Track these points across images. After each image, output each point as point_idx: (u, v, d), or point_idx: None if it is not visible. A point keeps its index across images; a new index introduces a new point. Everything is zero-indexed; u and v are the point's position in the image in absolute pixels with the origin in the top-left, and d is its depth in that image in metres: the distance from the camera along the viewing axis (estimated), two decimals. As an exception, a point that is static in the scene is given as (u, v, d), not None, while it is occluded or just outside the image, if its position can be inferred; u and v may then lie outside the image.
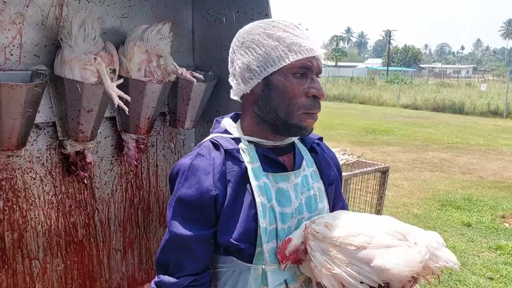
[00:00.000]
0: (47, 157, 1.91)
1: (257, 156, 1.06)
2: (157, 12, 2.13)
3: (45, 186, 1.92)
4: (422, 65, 79.31)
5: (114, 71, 1.83)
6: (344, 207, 1.27)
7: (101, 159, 2.10)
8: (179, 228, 1.03)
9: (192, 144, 2.49)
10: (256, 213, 1.02)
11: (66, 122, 1.83)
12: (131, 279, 2.32)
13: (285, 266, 1.02)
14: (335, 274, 0.94)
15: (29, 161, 1.85)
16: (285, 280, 1.05)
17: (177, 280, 1.02)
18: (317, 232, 0.98)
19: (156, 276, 1.07)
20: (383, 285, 0.94)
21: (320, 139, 1.24)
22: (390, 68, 54.46)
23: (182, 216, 1.04)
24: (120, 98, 1.74)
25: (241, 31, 1.08)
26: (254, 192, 1.02)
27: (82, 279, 2.11)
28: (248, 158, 1.06)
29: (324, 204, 1.14)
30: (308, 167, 1.13)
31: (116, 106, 1.74)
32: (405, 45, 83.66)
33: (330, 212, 1.14)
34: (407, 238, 0.97)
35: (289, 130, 1.06)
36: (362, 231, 0.97)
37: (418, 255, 0.94)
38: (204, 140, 1.16)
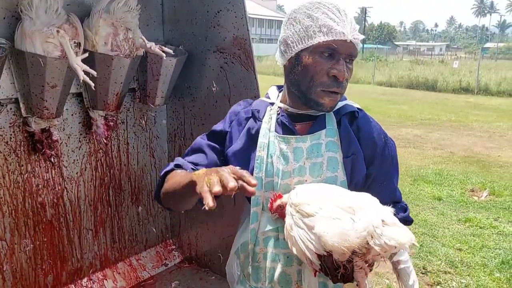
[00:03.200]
0: (11, 135, 1.83)
1: (274, 119, 1.20)
2: (124, -17, 2.04)
3: (10, 165, 1.85)
4: (397, 43, 79.84)
5: (78, 44, 1.75)
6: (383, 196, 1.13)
7: (69, 137, 2.03)
8: (202, 138, 1.30)
9: (163, 121, 2.44)
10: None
11: (30, 99, 1.75)
12: (104, 258, 2.29)
13: (275, 217, 1.15)
14: (292, 236, 1.04)
15: (-9, 140, 1.78)
16: (277, 227, 1.17)
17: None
18: (290, 197, 1.08)
19: None
20: (326, 254, 0.97)
21: (356, 112, 1.24)
22: (365, 45, 54.68)
23: (208, 134, 1.30)
24: (86, 73, 1.67)
25: (292, 7, 1.19)
26: (257, 147, 1.19)
27: (52, 259, 2.07)
28: (266, 119, 1.21)
29: (337, 174, 1.16)
30: (327, 137, 1.18)
31: (81, 81, 1.67)
32: (381, 23, 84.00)
33: (347, 184, 1.16)
34: (356, 213, 0.97)
35: (308, 104, 1.16)
36: (317, 201, 1.02)
37: (353, 230, 0.94)
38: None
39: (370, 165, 1.20)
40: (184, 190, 1.04)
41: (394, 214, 1.02)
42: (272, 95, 1.30)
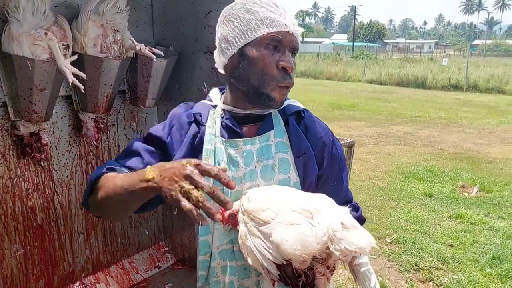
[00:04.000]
0: (-1, 139, 1.81)
1: (219, 123, 1.14)
2: (113, -16, 2.02)
3: (-1, 169, 1.83)
4: (386, 41, 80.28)
5: (67, 47, 1.73)
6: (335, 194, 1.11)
7: (58, 140, 2.01)
8: (138, 141, 1.19)
9: (155, 122, 2.42)
10: None
11: (18, 102, 1.73)
12: (96, 262, 2.27)
13: (229, 228, 1.08)
14: (247, 246, 0.97)
15: (-21, 144, 1.75)
16: (232, 239, 1.11)
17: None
18: (242, 204, 1.02)
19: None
20: (285, 263, 0.91)
21: (302, 111, 1.21)
22: (355, 43, 54.97)
23: (145, 138, 1.20)
24: (75, 75, 1.65)
25: (226, 6, 1.15)
26: (203, 154, 1.12)
27: (43, 263, 2.04)
28: (210, 123, 1.14)
29: (289, 175, 1.12)
30: (276, 138, 1.15)
31: (70, 84, 1.66)
32: (370, 21, 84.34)
33: (301, 185, 1.12)
34: (314, 217, 0.91)
35: (260, 99, 1.11)
36: (271, 206, 0.96)
37: (313, 236, 0.88)
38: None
39: (321, 165, 1.17)
40: (129, 195, 0.93)
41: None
42: (214, 97, 1.24)
